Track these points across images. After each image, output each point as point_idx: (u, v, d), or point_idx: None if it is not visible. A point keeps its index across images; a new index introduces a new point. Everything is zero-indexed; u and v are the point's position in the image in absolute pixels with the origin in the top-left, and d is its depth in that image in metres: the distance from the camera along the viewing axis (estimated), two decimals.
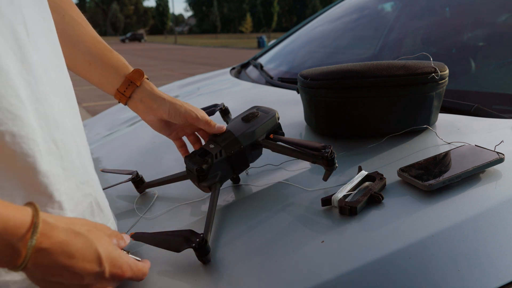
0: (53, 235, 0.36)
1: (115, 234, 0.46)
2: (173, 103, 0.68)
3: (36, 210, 0.35)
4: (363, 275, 0.47)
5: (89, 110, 5.93)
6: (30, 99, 0.41)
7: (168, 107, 0.67)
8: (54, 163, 0.43)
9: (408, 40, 1.57)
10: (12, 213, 0.34)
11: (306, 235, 0.55)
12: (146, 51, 26.19)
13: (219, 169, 0.66)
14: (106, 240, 0.42)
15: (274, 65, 1.69)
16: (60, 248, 0.36)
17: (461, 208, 0.56)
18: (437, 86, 0.79)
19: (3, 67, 0.38)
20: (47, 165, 0.42)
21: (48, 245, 0.35)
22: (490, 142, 0.70)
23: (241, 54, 19.80)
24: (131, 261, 0.44)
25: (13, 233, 0.33)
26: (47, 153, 0.42)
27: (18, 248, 0.34)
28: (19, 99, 0.39)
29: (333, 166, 0.61)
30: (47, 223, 0.36)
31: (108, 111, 1.63)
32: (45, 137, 0.42)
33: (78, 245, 0.38)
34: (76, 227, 0.39)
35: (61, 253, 0.36)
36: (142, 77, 0.68)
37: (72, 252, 0.37)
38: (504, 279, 0.46)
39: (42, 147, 0.41)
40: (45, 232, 0.35)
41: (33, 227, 0.34)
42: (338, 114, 0.82)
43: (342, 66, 0.83)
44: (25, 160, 0.39)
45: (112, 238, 0.44)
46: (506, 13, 1.27)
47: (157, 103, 0.68)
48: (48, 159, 0.42)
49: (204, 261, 0.54)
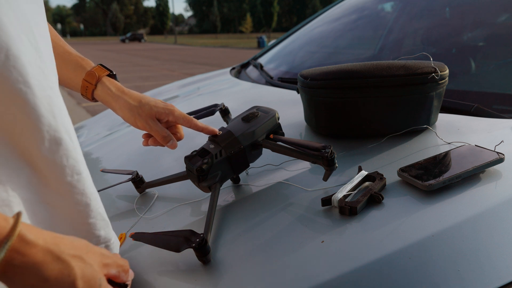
0: (28, 253, 0.33)
1: (116, 264, 0.42)
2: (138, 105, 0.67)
3: (16, 223, 0.33)
4: (363, 275, 0.47)
5: (89, 110, 5.93)
6: (42, 85, 0.41)
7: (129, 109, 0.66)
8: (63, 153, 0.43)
9: (408, 40, 1.57)
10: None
11: (306, 235, 0.55)
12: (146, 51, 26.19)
13: (219, 169, 0.66)
14: (93, 270, 0.38)
15: (274, 65, 1.69)
16: (33, 269, 0.34)
17: (461, 208, 0.56)
18: (437, 86, 0.79)
19: (14, 52, 0.38)
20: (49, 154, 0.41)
21: (20, 263, 0.33)
22: (490, 142, 0.70)
23: (241, 54, 19.80)
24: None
25: None
26: (56, 142, 0.42)
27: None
28: (26, 85, 0.39)
29: (333, 166, 0.61)
30: (24, 240, 0.33)
31: (108, 111, 1.63)
32: (57, 127, 0.42)
33: (54, 271, 0.35)
34: (60, 249, 0.36)
35: (34, 274, 0.34)
36: (96, 79, 0.67)
37: (46, 277, 0.34)
38: (504, 279, 0.46)
39: (47, 135, 0.41)
40: (18, 248, 0.33)
41: (5, 240, 0.32)
42: (338, 114, 0.82)
43: (342, 66, 0.83)
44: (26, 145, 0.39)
45: (109, 269, 0.41)
46: (506, 13, 1.27)
47: (118, 103, 0.67)
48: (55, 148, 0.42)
49: (204, 261, 0.54)
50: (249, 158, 0.70)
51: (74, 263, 0.36)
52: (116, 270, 0.42)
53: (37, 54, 0.41)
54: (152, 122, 0.67)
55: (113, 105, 0.68)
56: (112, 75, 0.70)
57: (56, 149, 0.42)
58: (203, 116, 0.83)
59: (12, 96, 0.38)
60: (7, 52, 0.37)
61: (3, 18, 0.37)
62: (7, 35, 0.37)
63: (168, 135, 0.68)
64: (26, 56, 0.39)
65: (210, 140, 0.69)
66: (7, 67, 0.37)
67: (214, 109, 0.84)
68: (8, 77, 0.37)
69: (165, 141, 0.68)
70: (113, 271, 0.41)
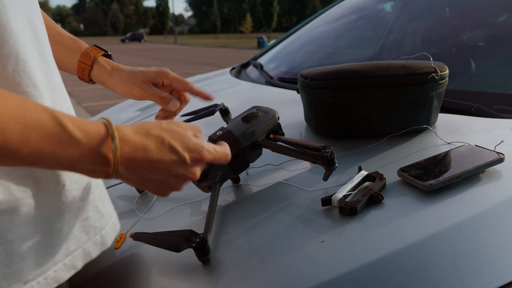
0: (129, 139, 0.39)
1: (190, 127, 0.47)
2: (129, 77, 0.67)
3: (109, 122, 0.38)
4: (363, 275, 0.47)
5: (89, 110, 5.93)
6: (46, 88, 0.43)
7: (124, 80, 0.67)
8: None
9: (408, 40, 1.57)
10: (90, 125, 0.37)
11: (306, 235, 0.55)
12: (146, 51, 26.19)
13: (219, 169, 0.66)
14: (178, 132, 0.44)
15: (274, 65, 1.69)
16: (139, 150, 0.40)
17: (461, 208, 0.56)
18: (437, 86, 0.79)
19: (23, 57, 0.39)
20: None
21: (128, 151, 0.39)
22: (490, 142, 0.70)
23: (241, 54, 19.79)
24: (208, 146, 0.46)
25: (97, 142, 0.36)
26: None
27: (106, 154, 0.37)
28: (35, 88, 0.40)
29: (333, 166, 0.61)
30: (120, 131, 0.39)
31: (108, 111, 1.63)
32: None
33: (152, 145, 0.41)
34: (145, 128, 0.42)
35: (142, 154, 0.40)
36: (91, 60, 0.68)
37: (150, 150, 0.40)
38: (504, 279, 0.46)
39: None
40: (121, 138, 0.38)
41: (111, 135, 0.38)
42: (338, 114, 0.82)
43: (342, 66, 0.83)
44: None
45: (188, 130, 0.46)
46: (506, 13, 1.27)
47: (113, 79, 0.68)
48: None
49: (204, 261, 0.54)
50: (249, 158, 0.70)
51: (160, 132, 0.42)
52: (191, 131, 0.46)
53: (40, 57, 0.43)
54: (147, 86, 0.67)
55: (109, 82, 0.69)
56: (107, 55, 0.70)
57: None
58: (203, 116, 0.83)
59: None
60: (16, 58, 0.38)
61: (11, 25, 0.38)
62: (15, 41, 0.38)
63: (167, 95, 0.68)
64: (33, 60, 0.41)
65: (210, 140, 0.69)
66: (18, 72, 0.39)
67: (214, 109, 0.84)
68: (19, 82, 0.39)
69: (165, 103, 0.68)
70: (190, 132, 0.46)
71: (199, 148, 0.44)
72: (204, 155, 0.45)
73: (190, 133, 0.45)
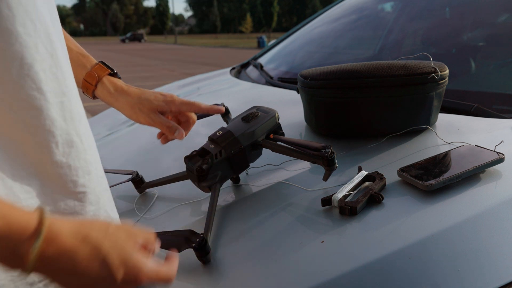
0: (58, 242, 0.35)
1: (143, 236, 0.43)
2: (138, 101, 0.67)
3: (43, 215, 0.34)
4: (363, 275, 0.47)
5: (89, 110, 5.93)
6: (55, 92, 0.42)
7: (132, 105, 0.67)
8: (75, 155, 0.44)
9: (408, 40, 1.57)
10: (18, 216, 0.33)
11: (306, 235, 0.55)
12: (146, 51, 26.19)
13: (219, 169, 0.66)
14: (121, 245, 0.39)
15: (274, 65, 1.69)
16: (65, 256, 0.35)
17: (461, 208, 0.56)
18: (437, 86, 0.79)
19: (27, 61, 0.39)
20: (63, 156, 0.43)
21: (53, 253, 0.34)
22: (490, 142, 0.70)
23: (241, 54, 19.79)
24: (150, 268, 0.41)
25: (17, 237, 0.32)
26: (68, 145, 0.43)
27: (22, 253, 0.33)
28: (40, 92, 0.40)
29: (333, 166, 0.61)
30: (52, 230, 0.35)
31: (108, 111, 1.63)
32: (68, 130, 0.43)
33: (84, 253, 0.36)
34: (85, 231, 0.37)
35: (67, 261, 0.35)
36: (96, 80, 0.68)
37: (78, 260, 0.36)
38: (504, 279, 0.46)
39: (60, 139, 0.42)
40: (49, 239, 0.34)
41: (37, 233, 0.33)
42: (338, 114, 0.82)
43: (342, 66, 0.83)
44: (39, 150, 0.41)
45: (135, 243, 0.41)
46: (506, 13, 1.27)
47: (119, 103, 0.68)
48: (68, 151, 0.43)
49: (204, 261, 0.54)
50: (249, 158, 0.70)
51: (101, 241, 0.37)
52: (142, 239, 0.42)
53: (52, 61, 0.43)
54: (154, 115, 0.67)
55: (114, 104, 0.69)
56: (113, 73, 0.70)
57: (68, 152, 0.43)
58: (203, 116, 0.83)
59: (27, 103, 0.39)
60: (21, 61, 0.39)
61: (18, 29, 0.38)
62: (21, 45, 0.39)
63: (173, 125, 0.68)
64: (41, 63, 0.41)
65: (210, 140, 0.69)
66: (22, 75, 0.39)
67: None
68: (23, 85, 0.39)
69: (171, 132, 0.68)
70: (140, 241, 0.41)
71: (137, 270, 0.39)
72: (140, 278, 0.40)
73: (136, 247, 0.40)
